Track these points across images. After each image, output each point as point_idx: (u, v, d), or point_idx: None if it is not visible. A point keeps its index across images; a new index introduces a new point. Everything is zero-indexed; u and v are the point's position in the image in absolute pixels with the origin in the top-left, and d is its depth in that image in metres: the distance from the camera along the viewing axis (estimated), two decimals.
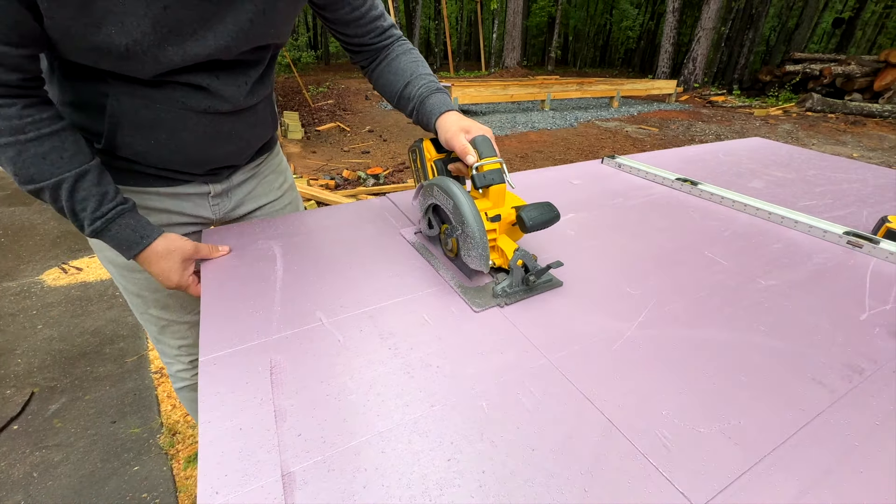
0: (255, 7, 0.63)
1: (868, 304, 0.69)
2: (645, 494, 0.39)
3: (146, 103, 0.66)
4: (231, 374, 0.52)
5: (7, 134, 0.57)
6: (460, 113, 0.77)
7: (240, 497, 0.38)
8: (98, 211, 0.65)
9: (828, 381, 0.53)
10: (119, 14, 0.53)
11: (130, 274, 0.84)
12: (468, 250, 0.65)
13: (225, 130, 0.76)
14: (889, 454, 0.44)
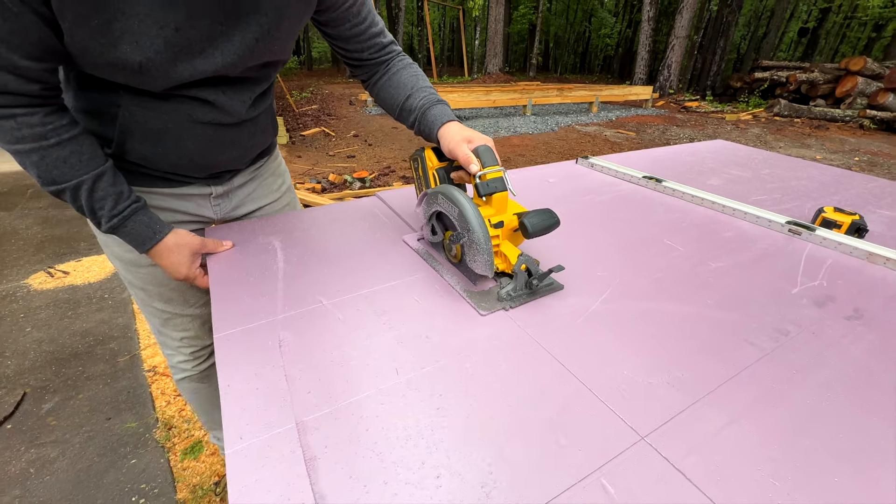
0: (261, 27, 0.67)
1: (800, 281, 0.79)
2: (601, 429, 0.48)
3: (154, 114, 0.71)
4: (244, 347, 0.59)
5: (31, 140, 0.62)
6: (461, 123, 0.80)
7: (261, 441, 0.45)
8: (115, 209, 0.71)
9: (758, 342, 0.63)
10: (135, 34, 0.58)
11: (136, 269, 0.89)
12: (474, 256, 0.67)
13: (227, 139, 0.81)
14: (802, 394, 0.53)
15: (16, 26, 0.53)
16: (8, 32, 0.53)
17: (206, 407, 1.15)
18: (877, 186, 1.37)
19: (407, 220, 0.98)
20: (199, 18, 0.61)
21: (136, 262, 0.87)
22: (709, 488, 0.42)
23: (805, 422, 0.50)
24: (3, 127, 0.61)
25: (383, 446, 0.45)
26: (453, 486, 0.41)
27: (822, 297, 0.74)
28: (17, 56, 0.56)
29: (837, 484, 0.43)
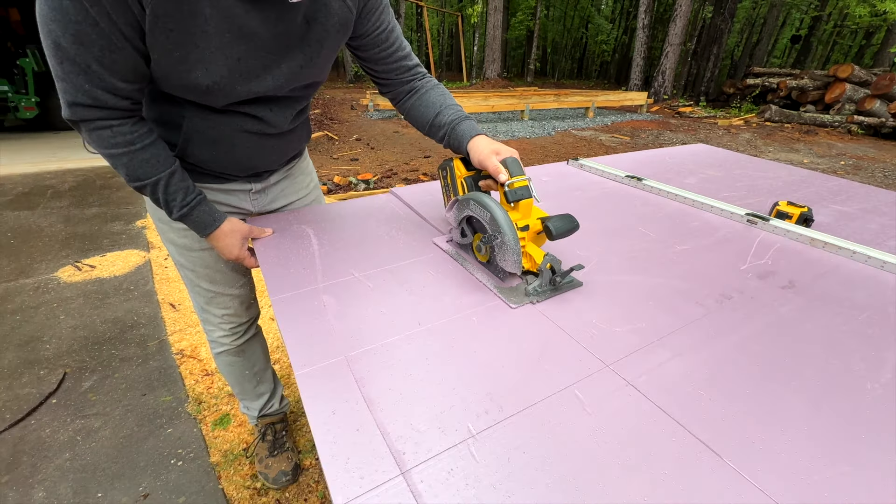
0: (305, 56, 0.81)
1: (749, 260, 0.95)
2: (576, 361, 0.63)
3: (212, 125, 0.84)
4: (295, 306, 0.74)
5: (123, 146, 0.75)
6: (488, 136, 0.90)
7: (320, 367, 0.61)
8: (184, 200, 0.84)
9: (705, 304, 0.78)
10: (206, 63, 0.71)
11: (188, 252, 1.03)
12: (504, 256, 0.75)
13: (270, 146, 0.95)
14: (732, 339, 0.69)
15: (118, 57, 0.67)
16: (111, 62, 0.67)
17: (239, 379, 1.27)
18: (835, 185, 1.53)
19: (420, 213, 1.13)
20: (257, 51, 0.75)
21: (189, 246, 1.01)
22: (653, 396, 0.57)
23: (731, 357, 0.65)
24: (102, 135, 0.74)
25: (412, 369, 0.61)
26: (464, 393, 0.57)
27: (764, 272, 0.90)
28: (116, 79, 0.69)
29: (747, 394, 0.58)
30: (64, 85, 0.67)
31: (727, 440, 0.51)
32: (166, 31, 0.66)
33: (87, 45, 0.63)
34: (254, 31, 0.72)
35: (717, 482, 0.46)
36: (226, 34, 0.70)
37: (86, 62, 0.65)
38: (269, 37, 0.75)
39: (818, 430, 0.53)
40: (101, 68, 0.66)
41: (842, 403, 0.58)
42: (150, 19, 0.64)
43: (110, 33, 0.63)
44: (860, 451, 0.51)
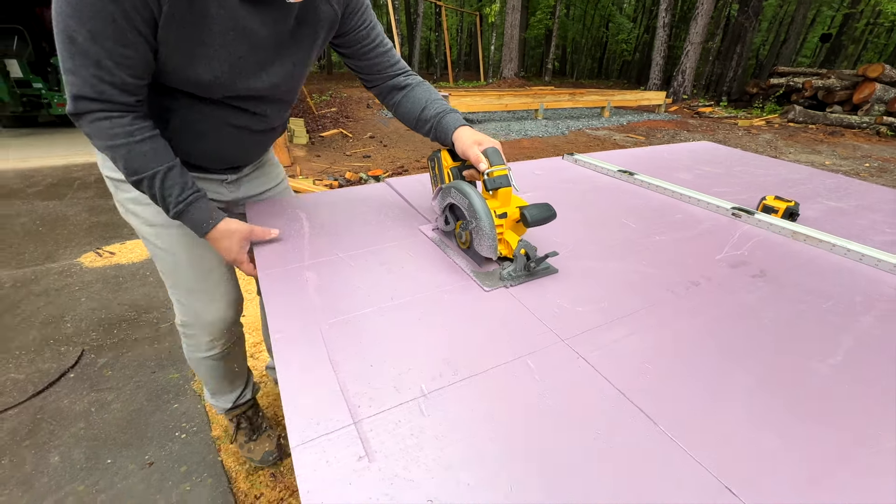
0: (297, 56, 0.87)
1: (725, 251, 0.97)
2: (530, 337, 0.67)
3: (201, 118, 0.86)
4: (281, 280, 0.79)
5: (122, 137, 0.75)
6: (472, 128, 0.92)
7: (294, 334, 0.66)
8: (181, 196, 0.83)
9: (673, 288, 0.81)
10: (210, 59, 0.75)
11: (166, 230, 0.98)
12: (480, 240, 0.78)
13: (254, 141, 0.97)
14: (692, 321, 0.71)
15: (130, 52, 0.69)
16: (123, 57, 0.69)
17: (218, 380, 1.24)
18: (834, 183, 1.52)
19: (410, 202, 1.18)
20: (256, 50, 0.80)
21: (168, 222, 0.96)
22: (602, 367, 0.61)
23: (686, 337, 0.68)
24: (102, 126, 0.74)
25: (379, 338, 0.65)
26: (422, 359, 0.61)
27: (738, 262, 0.92)
28: (126, 74, 0.71)
29: (693, 370, 0.61)
30: (73, 78, 0.69)
31: (663, 408, 0.54)
32: (178, 28, 0.69)
33: (101, 41, 0.65)
34: (254, 31, 0.76)
35: (647, 442, 0.50)
36: (230, 32, 0.74)
37: (97, 57, 0.67)
38: (266, 36, 0.79)
39: (756, 403, 0.56)
40: (112, 63, 0.68)
41: (786, 381, 0.60)
42: (166, 17, 0.67)
43: (126, 29, 0.66)
44: (791, 423, 0.53)
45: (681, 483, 0.45)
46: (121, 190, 0.97)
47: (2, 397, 1.57)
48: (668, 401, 0.55)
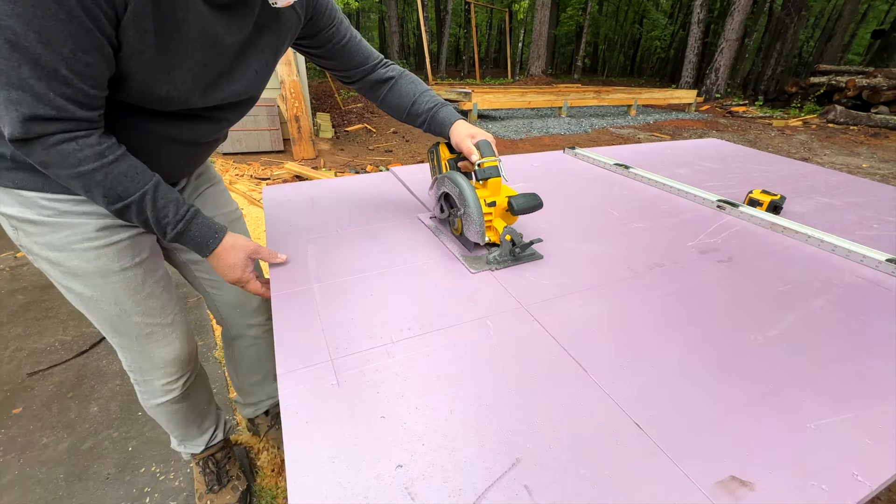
0: (259, 63, 0.78)
1: (700, 238, 1.02)
2: (495, 300, 0.75)
3: (137, 133, 0.71)
4: (282, 251, 0.91)
5: (92, 160, 0.62)
6: (467, 122, 0.95)
7: (291, 293, 0.77)
8: (178, 214, 0.71)
9: (635, 268, 0.87)
10: (171, 67, 0.64)
11: (106, 279, 0.79)
12: (469, 226, 0.84)
13: (195, 155, 0.85)
14: (645, 295, 0.78)
15: (92, 59, 0.56)
16: (84, 65, 0.56)
17: (182, 424, 1.08)
18: (837, 181, 1.52)
19: (410, 188, 1.28)
20: (219, 58, 0.70)
21: (107, 269, 0.78)
22: (551, 328, 0.69)
23: (634, 308, 0.75)
24: (65, 151, 0.60)
25: (361, 299, 0.76)
26: (395, 316, 0.71)
27: (708, 249, 0.97)
28: (87, 85, 0.58)
29: (633, 335, 0.68)
30: (19, 95, 0.54)
31: (595, 362, 0.62)
32: (141, 31, 0.58)
33: (55, 45, 0.52)
34: (220, 38, 0.69)
35: (576, 387, 0.58)
36: (198, 39, 0.65)
37: (53, 65, 0.54)
38: (230, 44, 0.71)
39: (684, 362, 0.63)
40: (69, 73, 0.55)
41: (719, 346, 0.66)
42: (130, 16, 0.57)
43: (86, 30, 0.53)
44: (710, 378, 0.60)
45: (600, 421, 0.53)
46: (26, 234, 0.74)
47: (52, 355, 1.77)
48: (601, 356, 0.63)
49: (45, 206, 0.72)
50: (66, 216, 0.73)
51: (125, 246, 0.79)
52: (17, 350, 1.80)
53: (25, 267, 2.43)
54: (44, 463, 1.33)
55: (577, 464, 0.47)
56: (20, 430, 1.44)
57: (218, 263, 0.79)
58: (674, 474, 0.46)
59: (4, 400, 1.56)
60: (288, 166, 4.18)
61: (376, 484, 0.45)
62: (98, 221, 0.75)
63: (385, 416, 0.53)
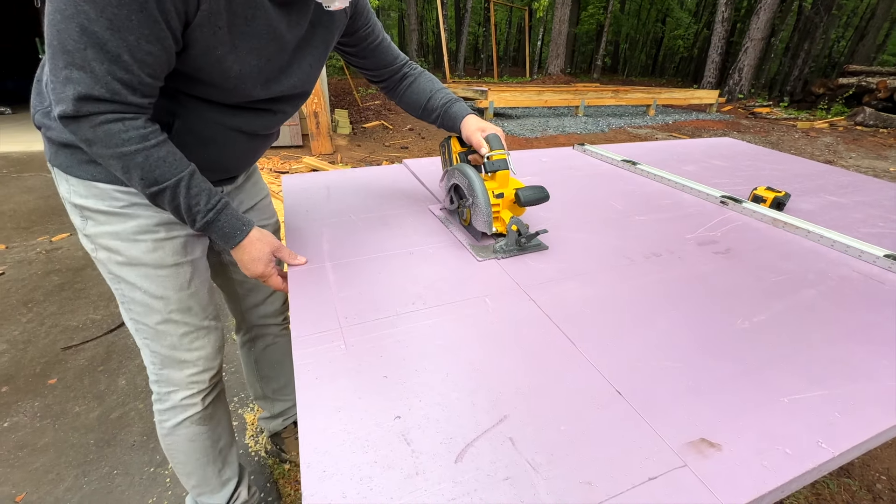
0: (312, 58, 0.84)
1: (699, 231, 1.05)
2: (494, 283, 0.80)
3: (207, 124, 0.76)
4: (300, 232, 0.97)
5: (136, 141, 0.65)
6: (477, 116, 0.99)
7: (307, 270, 0.83)
8: (209, 203, 0.74)
9: (632, 257, 0.91)
10: (240, 63, 0.70)
11: (158, 271, 0.83)
12: (476, 216, 0.87)
13: (255, 147, 0.89)
14: (639, 282, 0.82)
15: (154, 49, 0.60)
16: (146, 53, 0.59)
17: (201, 459, 1.02)
18: (848, 180, 1.51)
19: (422, 180, 1.33)
20: (281, 53, 0.76)
21: (162, 262, 0.83)
22: (545, 307, 0.73)
23: (626, 293, 0.79)
24: (112, 130, 0.63)
25: (371, 277, 0.81)
26: (401, 292, 0.76)
27: (707, 241, 1.00)
28: (144, 73, 0.61)
29: (623, 315, 0.73)
30: (80, 75, 0.58)
31: (585, 336, 0.66)
32: (214, 28, 0.63)
33: (123, 32, 0.56)
34: (282, 33, 0.74)
35: (565, 357, 0.62)
36: (264, 35, 0.70)
37: (117, 51, 0.57)
38: (289, 39, 0.76)
39: (670, 340, 0.67)
40: (131, 59, 0.59)
41: (705, 327, 0.70)
42: (203, 15, 0.61)
43: (154, 21, 0.57)
44: (693, 355, 0.64)
45: (583, 387, 0.58)
46: (96, 223, 0.79)
47: (84, 332, 1.89)
48: (590, 332, 0.68)
49: (118, 198, 0.77)
50: (134, 207, 0.79)
51: (181, 243, 0.84)
52: (52, 326, 1.93)
53: (60, 251, 2.58)
54: (76, 429, 1.44)
55: (558, 422, 0.52)
56: (55, 399, 1.55)
57: (242, 256, 0.81)
58: (648, 434, 0.51)
59: (41, 371, 1.67)
60: (306, 160, 4.29)
61: (377, 430, 0.50)
62: (161, 216, 0.81)
63: (387, 377, 0.58)
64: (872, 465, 1.48)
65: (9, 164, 4.23)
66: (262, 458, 1.40)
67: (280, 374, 1.28)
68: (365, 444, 0.49)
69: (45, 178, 3.86)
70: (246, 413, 1.54)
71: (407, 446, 0.49)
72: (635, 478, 0.46)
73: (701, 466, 0.47)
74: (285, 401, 1.32)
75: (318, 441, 0.49)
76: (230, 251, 0.81)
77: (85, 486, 1.27)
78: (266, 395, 1.31)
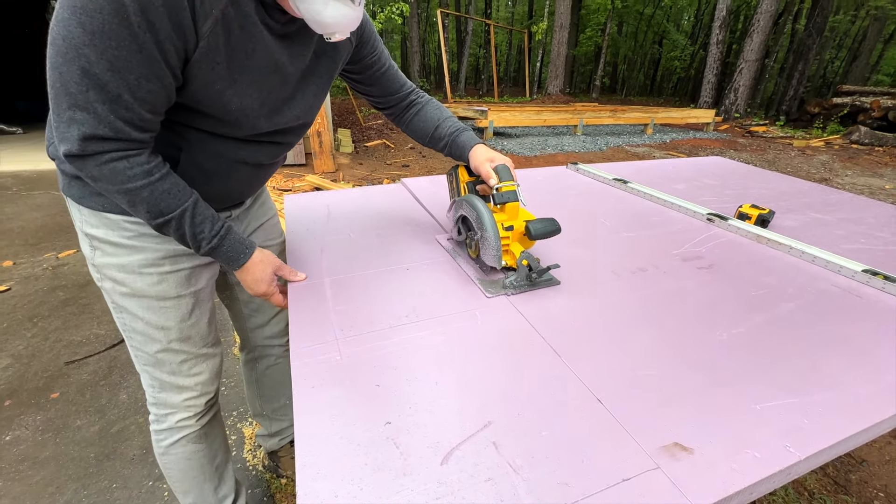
0: (316, 88, 0.85)
1: (685, 247, 1.08)
2: (489, 300, 0.84)
3: (211, 157, 0.78)
4: (300, 248, 1.01)
5: (141, 177, 0.66)
6: (487, 146, 0.98)
7: (306, 286, 0.87)
8: (213, 229, 0.75)
9: (618, 272, 0.95)
10: (241, 96, 0.70)
11: (161, 303, 0.85)
12: (485, 250, 0.84)
13: (260, 176, 0.92)
14: (624, 296, 0.85)
15: (154, 87, 0.61)
16: (146, 92, 0.61)
17: (197, 477, 1.04)
18: (835, 198, 1.56)
19: (420, 199, 1.38)
20: (284, 85, 0.77)
21: (165, 294, 0.85)
22: (531, 318, 0.77)
23: (611, 307, 0.82)
24: (117, 168, 0.64)
25: (366, 291, 0.85)
26: (394, 305, 0.80)
27: (692, 257, 1.04)
28: (145, 110, 0.62)
29: (605, 326, 0.76)
30: (83, 116, 0.59)
31: (569, 348, 0.70)
32: (213, 64, 0.64)
33: (123, 73, 0.58)
34: (284, 66, 0.75)
35: (549, 368, 0.65)
36: (265, 69, 0.71)
37: (117, 91, 0.59)
38: (292, 71, 0.77)
39: (649, 351, 0.70)
40: (132, 98, 0.60)
41: (684, 339, 0.73)
42: (202, 51, 0.62)
43: (154, 61, 0.59)
44: (671, 366, 0.67)
45: (565, 396, 0.61)
46: (103, 253, 0.82)
47: (87, 346, 1.92)
48: (574, 344, 0.71)
49: (127, 228, 0.79)
50: (142, 239, 0.80)
51: (185, 275, 0.86)
52: (56, 341, 1.96)
53: (66, 267, 2.63)
54: (77, 443, 1.46)
55: (540, 427, 0.55)
56: (57, 413, 1.57)
57: (245, 277, 0.83)
58: (624, 439, 0.53)
59: (44, 385, 1.70)
60: (308, 179, 4.37)
61: (368, 435, 0.53)
62: (167, 247, 0.82)
63: (379, 385, 0.61)
64: (871, 482, 1.48)
65: (19, 183, 4.34)
66: (259, 472, 1.41)
67: (280, 394, 1.29)
68: (357, 447, 0.52)
69: (54, 196, 3.95)
70: (244, 427, 1.56)
71: (396, 449, 0.51)
72: (610, 479, 0.48)
73: (673, 469, 0.50)
74: (282, 420, 1.34)
75: (313, 444, 0.52)
76: (234, 272, 0.84)
77: (84, 499, 1.28)
78: (265, 414, 1.32)
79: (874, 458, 1.56)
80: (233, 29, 0.64)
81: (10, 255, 2.78)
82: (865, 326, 0.79)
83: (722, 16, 10.66)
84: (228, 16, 0.63)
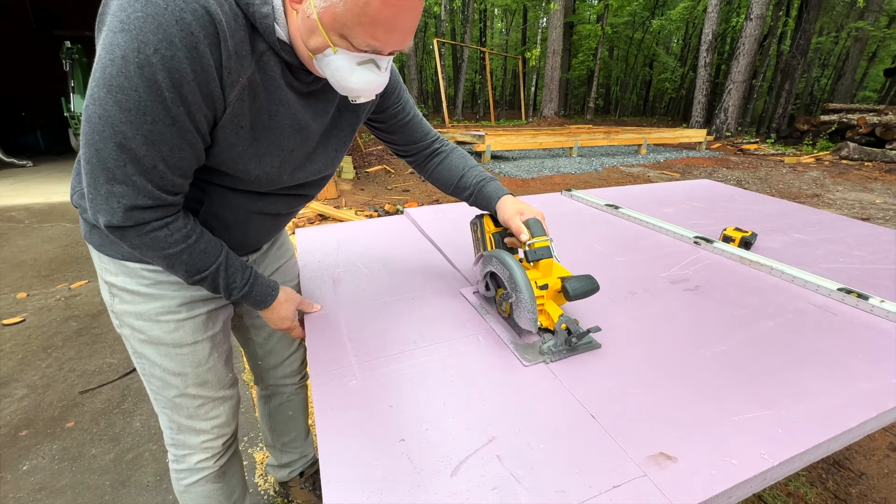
0: (338, 142, 0.86)
1: (672, 270, 1.16)
2: (489, 325, 0.91)
3: (231, 210, 0.80)
4: (312, 282, 1.09)
5: (181, 242, 0.69)
6: (513, 196, 0.95)
7: (321, 316, 0.94)
8: (244, 277, 0.79)
9: (612, 295, 1.02)
10: (261, 155, 0.72)
11: (178, 349, 0.86)
12: (520, 313, 0.77)
13: (278, 224, 0.94)
14: (616, 318, 0.92)
15: (186, 154, 0.63)
16: (178, 160, 0.63)
17: None
18: (815, 219, 1.64)
19: (423, 230, 1.47)
20: (306, 142, 0.78)
21: (181, 341, 0.86)
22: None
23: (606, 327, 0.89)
24: (159, 237, 0.67)
25: (377, 321, 0.92)
26: (402, 330, 0.87)
27: (679, 279, 1.11)
28: (177, 176, 0.65)
29: (603, 349, 0.82)
30: (122, 189, 0.61)
31: (566, 370, 0.76)
32: (237, 128, 0.66)
33: (157, 145, 0.60)
34: (307, 124, 0.76)
35: (547, 387, 0.72)
36: (287, 128, 0.73)
37: (153, 163, 0.61)
38: (315, 129, 0.79)
39: (639, 369, 0.76)
40: (166, 167, 0.63)
41: (671, 357, 0.79)
42: (228, 117, 0.64)
43: (186, 131, 0.61)
44: (659, 383, 0.73)
45: (561, 412, 0.67)
46: (122, 301, 0.84)
47: (100, 375, 1.97)
48: (570, 364, 0.77)
49: (145, 276, 0.81)
50: (160, 286, 0.82)
51: (201, 321, 0.88)
52: (70, 371, 2.01)
53: (79, 297, 2.70)
54: (93, 471, 1.49)
55: (538, 441, 0.61)
56: (73, 442, 1.61)
57: (271, 316, 0.88)
58: (615, 450, 0.60)
59: (59, 414, 1.74)
60: (312, 205, 4.48)
61: (384, 454, 0.59)
62: (184, 294, 0.84)
63: (393, 406, 0.68)
64: (870, 495, 1.50)
65: (31, 216, 4.45)
66: (271, 496, 1.44)
67: (291, 428, 1.32)
68: (375, 462, 0.58)
69: (65, 227, 4.05)
70: (255, 452, 1.59)
71: (410, 464, 0.58)
72: (602, 486, 0.54)
73: (659, 475, 0.56)
74: (293, 453, 1.36)
75: (336, 460, 0.58)
76: (259, 313, 0.88)
77: None
78: (275, 446, 1.36)
79: (873, 471, 1.59)
80: (258, 93, 0.66)
81: (24, 286, 2.86)
82: (839, 341, 0.86)
83: (708, 39, 11.06)
84: (255, 81, 0.65)
